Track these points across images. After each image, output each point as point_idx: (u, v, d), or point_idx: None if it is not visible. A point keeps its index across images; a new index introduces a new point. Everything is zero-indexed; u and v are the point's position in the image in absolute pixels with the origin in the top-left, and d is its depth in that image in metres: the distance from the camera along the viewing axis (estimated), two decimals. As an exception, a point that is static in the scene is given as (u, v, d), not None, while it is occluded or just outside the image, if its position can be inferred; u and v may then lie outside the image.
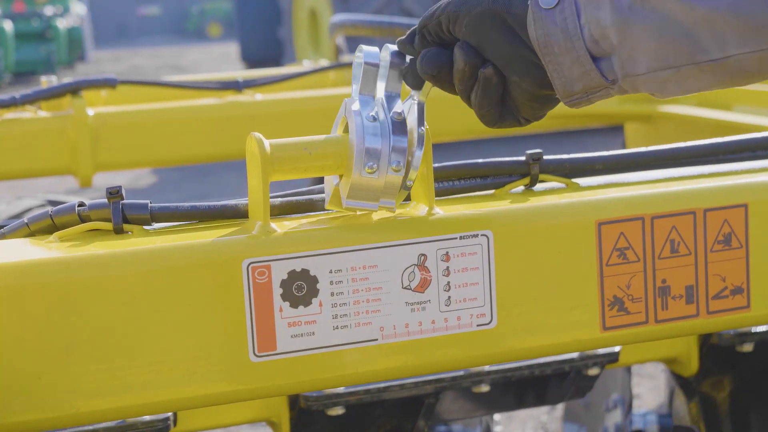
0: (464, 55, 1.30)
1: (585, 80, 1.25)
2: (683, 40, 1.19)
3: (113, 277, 1.26)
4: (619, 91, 1.26)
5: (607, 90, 1.26)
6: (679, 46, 1.19)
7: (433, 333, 1.37)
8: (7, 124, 2.57)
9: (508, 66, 1.29)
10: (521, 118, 1.34)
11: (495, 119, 1.34)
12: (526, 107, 1.32)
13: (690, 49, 1.19)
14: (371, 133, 1.31)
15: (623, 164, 1.53)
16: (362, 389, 1.82)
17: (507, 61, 1.29)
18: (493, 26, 1.28)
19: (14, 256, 1.27)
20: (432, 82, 1.34)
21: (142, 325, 1.27)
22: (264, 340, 1.31)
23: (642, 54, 1.21)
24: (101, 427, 1.67)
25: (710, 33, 1.17)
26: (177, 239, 1.31)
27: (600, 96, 1.27)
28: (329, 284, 1.32)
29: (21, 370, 1.24)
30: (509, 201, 1.44)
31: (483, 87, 1.31)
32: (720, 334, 2.03)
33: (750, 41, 1.17)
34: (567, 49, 1.24)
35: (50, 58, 20.65)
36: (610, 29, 1.21)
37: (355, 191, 1.31)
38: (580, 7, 1.23)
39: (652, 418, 3.38)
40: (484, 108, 1.32)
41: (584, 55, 1.23)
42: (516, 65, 1.29)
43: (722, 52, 1.18)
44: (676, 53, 1.20)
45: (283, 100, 2.82)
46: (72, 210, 1.34)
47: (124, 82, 2.74)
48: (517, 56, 1.28)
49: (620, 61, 1.23)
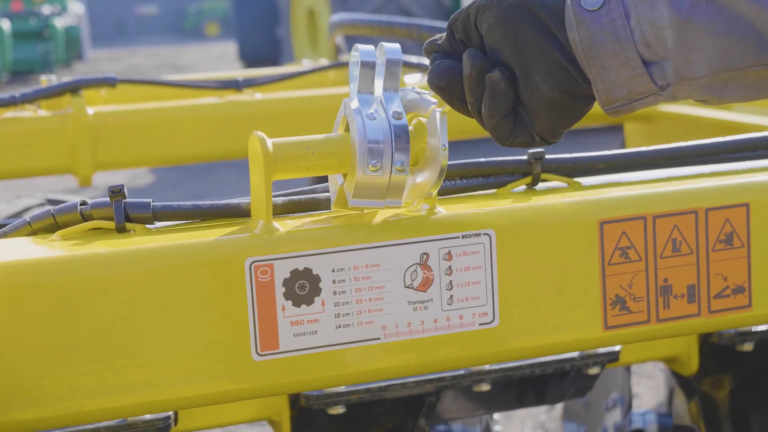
0: (471, 59, 1.27)
1: (632, 85, 1.20)
2: (752, 40, 1.13)
3: (115, 275, 1.26)
4: (668, 98, 1.22)
5: (654, 96, 1.21)
6: (747, 46, 1.14)
7: (435, 332, 1.37)
8: (6, 123, 2.57)
9: (532, 65, 1.24)
10: (536, 135, 1.29)
11: (507, 133, 1.29)
12: (542, 118, 1.26)
13: (759, 49, 1.13)
14: (372, 131, 1.31)
15: (625, 164, 1.53)
16: (363, 388, 1.82)
17: (532, 59, 1.24)
18: (523, 21, 1.24)
19: (16, 254, 1.27)
20: (441, 95, 1.31)
21: (144, 324, 1.27)
22: (266, 339, 1.31)
23: (702, 56, 1.16)
24: (102, 426, 1.67)
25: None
26: (179, 238, 1.31)
27: (645, 103, 1.22)
28: (332, 283, 1.32)
29: (22, 369, 1.24)
30: (511, 200, 1.44)
31: (491, 93, 1.26)
32: (720, 333, 2.03)
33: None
34: (615, 52, 1.18)
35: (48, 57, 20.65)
36: (667, 30, 1.16)
37: (360, 190, 1.31)
38: (629, 8, 1.18)
39: (651, 417, 3.38)
40: (494, 118, 1.27)
41: (635, 58, 1.18)
42: (541, 64, 1.24)
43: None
44: (743, 54, 1.14)
45: (283, 100, 2.82)
46: (74, 209, 1.34)
47: (123, 81, 2.73)
48: (544, 54, 1.23)
49: (675, 64, 1.18)
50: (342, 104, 1.37)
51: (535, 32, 1.24)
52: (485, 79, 1.27)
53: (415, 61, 2.89)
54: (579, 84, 1.24)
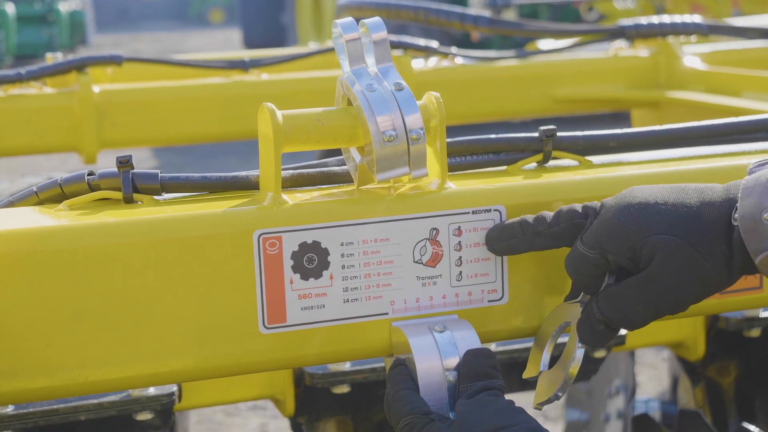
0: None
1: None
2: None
3: (123, 246, 1.25)
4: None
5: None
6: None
7: (443, 308, 1.36)
8: (12, 100, 2.55)
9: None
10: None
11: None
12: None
13: None
14: (376, 102, 1.30)
15: (636, 142, 1.51)
16: (368, 368, 1.81)
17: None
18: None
19: (23, 223, 1.26)
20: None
21: (151, 294, 1.26)
22: (274, 312, 1.30)
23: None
24: (106, 401, 1.67)
25: None
26: (187, 209, 1.30)
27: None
28: (340, 257, 1.31)
29: (29, 338, 1.23)
30: (522, 177, 1.43)
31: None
32: (728, 319, 2.03)
33: None
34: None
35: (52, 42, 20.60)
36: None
37: (382, 163, 1.30)
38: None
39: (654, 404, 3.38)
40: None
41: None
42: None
43: None
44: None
45: (289, 80, 2.80)
46: (81, 179, 1.33)
47: (129, 60, 2.72)
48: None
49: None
50: (338, 82, 1.36)
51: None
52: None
53: (423, 44, 2.87)
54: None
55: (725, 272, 1.25)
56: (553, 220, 1.31)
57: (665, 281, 1.25)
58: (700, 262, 1.24)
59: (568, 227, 1.31)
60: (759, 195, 1.21)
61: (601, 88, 2.91)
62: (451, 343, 1.31)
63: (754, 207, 1.21)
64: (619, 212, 1.27)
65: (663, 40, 2.84)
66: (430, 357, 1.30)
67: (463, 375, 1.29)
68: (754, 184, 1.23)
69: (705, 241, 1.24)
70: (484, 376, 1.28)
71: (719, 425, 2.17)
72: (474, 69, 2.86)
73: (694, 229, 1.24)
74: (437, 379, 1.29)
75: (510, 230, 1.33)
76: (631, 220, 1.26)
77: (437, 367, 1.30)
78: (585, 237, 1.29)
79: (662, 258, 1.24)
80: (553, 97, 2.87)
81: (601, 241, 1.27)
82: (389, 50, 1.34)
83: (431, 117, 1.33)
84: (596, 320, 1.30)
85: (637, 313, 1.28)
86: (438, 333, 1.32)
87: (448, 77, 2.84)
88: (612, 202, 1.29)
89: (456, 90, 2.73)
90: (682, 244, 1.24)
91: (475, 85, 2.84)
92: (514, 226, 1.33)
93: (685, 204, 1.26)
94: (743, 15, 7.94)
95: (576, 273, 1.31)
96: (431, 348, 1.31)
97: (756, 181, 1.23)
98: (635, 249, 1.25)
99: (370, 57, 1.34)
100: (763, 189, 1.22)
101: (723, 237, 1.24)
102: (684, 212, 1.25)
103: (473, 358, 1.30)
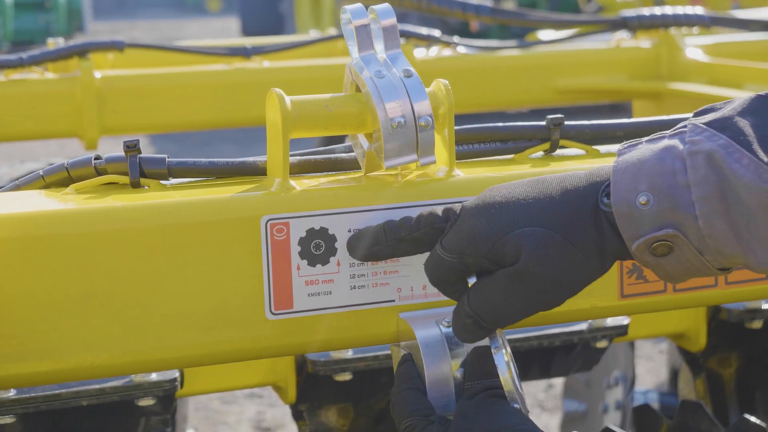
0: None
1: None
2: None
3: (130, 230, 1.25)
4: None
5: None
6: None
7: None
8: (13, 85, 2.55)
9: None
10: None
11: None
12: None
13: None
14: (385, 88, 1.29)
15: (644, 132, 1.51)
16: (371, 355, 1.81)
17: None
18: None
19: (30, 206, 1.26)
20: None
21: (157, 279, 1.26)
22: (281, 298, 1.29)
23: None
24: (109, 386, 1.67)
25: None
26: (194, 194, 1.29)
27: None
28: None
29: (36, 322, 1.22)
30: (529, 165, 1.42)
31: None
32: (730, 310, 2.02)
33: None
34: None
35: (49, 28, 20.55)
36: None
37: (390, 150, 1.29)
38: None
39: (653, 396, 3.39)
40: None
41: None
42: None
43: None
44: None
45: (292, 68, 2.79)
46: (88, 163, 1.33)
47: (131, 46, 2.71)
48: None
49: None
50: (346, 69, 1.36)
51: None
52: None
53: (425, 33, 2.87)
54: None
55: (597, 259, 1.19)
56: (414, 224, 1.26)
57: (536, 273, 1.18)
58: (570, 250, 1.18)
59: (429, 232, 1.25)
60: (631, 178, 1.15)
61: (603, 78, 2.91)
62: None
63: (627, 191, 1.15)
64: (478, 213, 1.21)
65: (665, 31, 2.84)
66: (437, 354, 1.30)
67: (468, 374, 1.29)
68: (625, 167, 1.16)
69: (572, 229, 1.18)
70: (489, 375, 1.27)
71: (720, 416, 2.17)
72: (476, 59, 2.86)
73: (558, 217, 1.19)
74: (444, 376, 1.29)
75: (373, 236, 1.28)
76: (489, 220, 1.20)
77: (445, 364, 1.29)
78: (444, 240, 1.23)
79: (530, 249, 1.18)
80: (554, 87, 2.87)
81: (460, 244, 1.22)
82: (398, 37, 1.34)
83: (440, 104, 1.33)
84: (465, 314, 1.23)
85: (507, 306, 1.21)
86: (445, 328, 1.31)
87: (450, 66, 2.83)
88: (471, 204, 1.23)
89: (457, 79, 2.71)
90: (549, 233, 1.18)
91: (477, 75, 2.84)
92: (377, 232, 1.28)
93: (547, 194, 1.20)
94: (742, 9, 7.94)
95: (434, 278, 1.25)
96: (439, 344, 1.30)
97: (627, 163, 1.16)
98: (496, 249, 1.20)
99: (379, 43, 1.34)
100: (636, 171, 1.15)
101: (591, 222, 1.18)
102: (546, 202, 1.20)
103: (478, 357, 1.29)
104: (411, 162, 1.31)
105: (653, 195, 1.14)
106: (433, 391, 1.28)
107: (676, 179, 1.13)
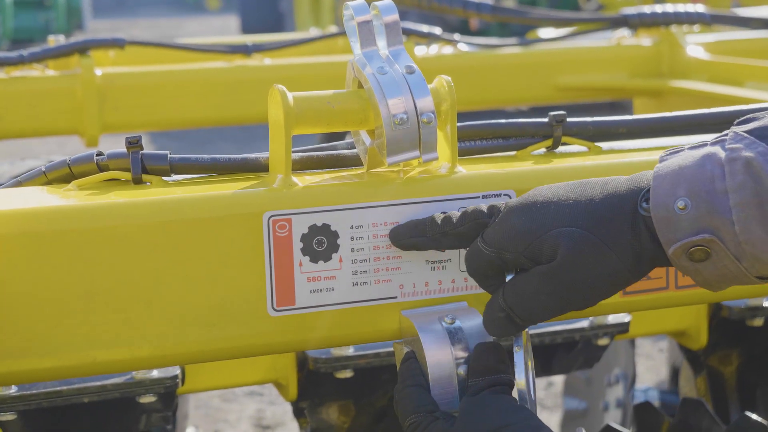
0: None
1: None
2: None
3: (132, 226, 1.24)
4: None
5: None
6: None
7: (452, 293, 1.35)
8: (14, 82, 2.55)
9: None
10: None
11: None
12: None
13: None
14: (388, 85, 1.29)
15: (646, 129, 1.51)
16: (372, 352, 1.81)
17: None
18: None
19: (32, 202, 1.25)
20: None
21: (159, 275, 1.26)
22: (283, 295, 1.29)
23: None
24: (110, 383, 1.67)
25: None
26: (197, 191, 1.29)
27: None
28: (350, 240, 1.31)
29: (38, 318, 1.22)
30: (532, 162, 1.42)
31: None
32: (731, 308, 2.03)
33: None
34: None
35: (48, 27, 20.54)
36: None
37: (393, 146, 1.29)
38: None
39: (653, 393, 3.39)
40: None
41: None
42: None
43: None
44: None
45: (292, 65, 2.79)
46: (90, 159, 1.32)
47: (132, 43, 2.71)
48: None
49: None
50: (348, 65, 1.35)
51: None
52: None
53: (426, 31, 2.87)
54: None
55: (633, 263, 1.20)
56: (458, 220, 1.28)
57: (571, 273, 1.20)
58: (606, 253, 1.20)
59: (473, 227, 1.27)
60: (671, 183, 1.17)
61: (604, 76, 2.90)
62: (461, 335, 1.31)
63: (666, 195, 1.17)
64: (520, 211, 1.23)
65: (666, 29, 2.84)
66: (440, 351, 1.29)
67: (472, 370, 1.29)
68: (665, 172, 1.18)
69: (610, 232, 1.20)
70: (493, 371, 1.27)
71: (721, 414, 2.17)
72: (476, 56, 2.86)
73: (597, 220, 1.20)
74: (448, 373, 1.29)
75: (419, 228, 1.30)
76: (530, 218, 1.22)
77: (448, 362, 1.29)
78: (485, 234, 1.25)
79: (566, 249, 1.20)
80: (555, 85, 2.87)
81: (499, 239, 1.23)
82: (401, 33, 1.34)
83: (442, 101, 1.33)
84: (498, 307, 1.25)
85: (540, 303, 1.23)
86: (448, 324, 1.31)
87: (451, 64, 2.83)
88: (514, 202, 1.26)
89: (458, 77, 2.70)
90: (586, 235, 1.20)
91: (478, 73, 2.84)
92: (423, 224, 1.30)
93: (588, 197, 1.22)
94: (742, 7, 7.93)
95: (472, 270, 1.27)
96: (442, 341, 1.30)
97: (668, 169, 1.18)
98: (533, 247, 1.21)
99: (382, 40, 1.34)
100: (676, 176, 1.17)
101: (629, 227, 1.20)
102: (586, 204, 1.22)
103: (482, 354, 1.29)
104: (413, 158, 1.31)
105: (691, 200, 1.15)
106: (437, 388, 1.28)
107: (714, 185, 1.15)
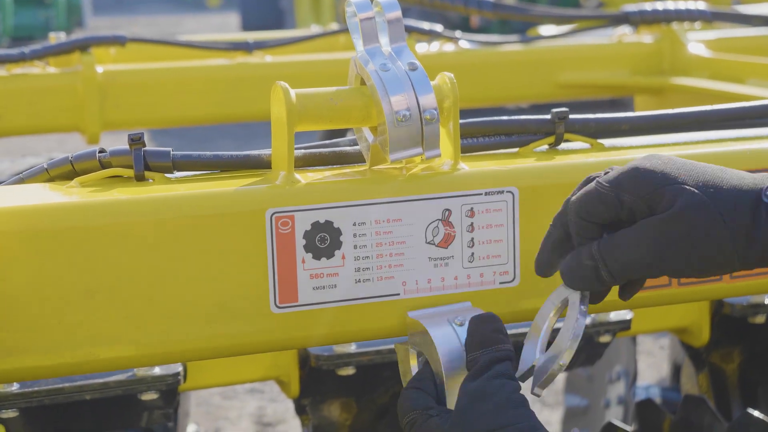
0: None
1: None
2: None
3: (134, 223, 1.24)
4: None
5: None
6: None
7: (455, 289, 1.35)
8: (15, 80, 2.54)
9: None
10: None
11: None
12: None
13: None
14: (390, 81, 1.29)
15: (649, 126, 1.51)
16: (374, 350, 1.81)
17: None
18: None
19: (35, 199, 1.25)
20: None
21: (162, 272, 1.25)
22: (286, 291, 1.29)
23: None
24: (112, 380, 1.67)
25: None
26: (199, 188, 1.29)
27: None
28: (353, 237, 1.30)
29: (40, 315, 1.22)
30: (534, 159, 1.42)
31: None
32: (733, 305, 2.02)
33: None
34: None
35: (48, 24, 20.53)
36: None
37: (395, 143, 1.29)
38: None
39: (655, 391, 3.38)
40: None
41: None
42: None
43: None
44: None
45: (294, 63, 2.79)
46: (93, 156, 1.32)
47: (133, 40, 2.71)
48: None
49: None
50: (351, 62, 1.35)
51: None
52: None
53: (427, 28, 2.87)
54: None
55: (743, 247, 1.18)
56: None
57: (680, 227, 1.18)
58: (721, 227, 1.18)
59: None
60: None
61: (605, 73, 2.90)
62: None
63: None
64: (649, 158, 1.22)
65: (667, 26, 2.83)
66: (454, 354, 1.29)
67: (468, 344, 1.28)
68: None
69: (729, 207, 1.18)
70: (491, 341, 1.26)
71: (723, 411, 2.16)
72: (478, 53, 2.86)
73: (721, 192, 1.19)
74: (461, 374, 1.28)
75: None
76: (658, 167, 1.20)
77: (461, 363, 1.29)
78: (609, 174, 1.23)
79: (682, 206, 1.17)
80: (556, 82, 2.87)
81: (623, 179, 1.21)
82: (403, 30, 1.34)
83: (445, 97, 1.33)
84: (589, 254, 1.22)
85: (637, 254, 1.19)
86: (458, 326, 1.31)
87: (452, 61, 2.83)
88: (646, 155, 1.24)
89: (460, 74, 2.70)
90: (706, 201, 1.18)
91: (479, 70, 2.83)
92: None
93: (721, 170, 1.22)
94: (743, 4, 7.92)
95: (581, 208, 1.23)
96: (455, 344, 1.29)
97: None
98: (656, 193, 1.19)
99: (384, 36, 1.34)
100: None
101: (748, 210, 1.18)
102: (713, 173, 1.21)
103: (477, 325, 1.28)
104: (416, 155, 1.31)
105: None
106: (452, 390, 1.27)
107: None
